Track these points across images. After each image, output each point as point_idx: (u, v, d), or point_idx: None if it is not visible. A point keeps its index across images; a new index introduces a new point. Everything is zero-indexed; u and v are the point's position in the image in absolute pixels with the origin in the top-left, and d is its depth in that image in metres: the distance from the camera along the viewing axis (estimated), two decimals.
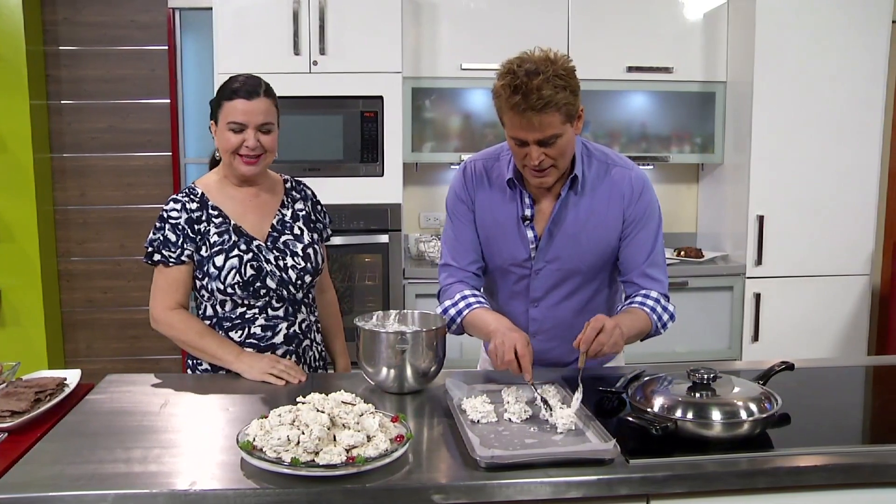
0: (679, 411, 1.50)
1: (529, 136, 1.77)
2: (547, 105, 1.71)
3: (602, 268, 1.99)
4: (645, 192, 1.95)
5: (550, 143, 1.78)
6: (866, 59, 3.59)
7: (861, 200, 3.68)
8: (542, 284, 1.99)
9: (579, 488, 1.37)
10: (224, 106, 1.96)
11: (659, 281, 1.98)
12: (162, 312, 1.99)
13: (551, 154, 1.80)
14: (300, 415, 1.43)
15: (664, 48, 3.77)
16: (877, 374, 2.10)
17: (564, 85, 1.74)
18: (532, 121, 1.73)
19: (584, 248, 1.95)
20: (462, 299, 1.96)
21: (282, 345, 2.03)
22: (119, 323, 4.08)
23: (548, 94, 1.71)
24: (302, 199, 2.14)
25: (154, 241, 1.98)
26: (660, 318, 1.94)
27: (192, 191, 2.03)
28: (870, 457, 1.47)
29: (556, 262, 1.96)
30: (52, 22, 3.87)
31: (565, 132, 1.78)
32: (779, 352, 3.49)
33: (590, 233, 1.94)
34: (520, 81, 1.71)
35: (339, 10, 3.38)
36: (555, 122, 1.75)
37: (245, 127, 1.95)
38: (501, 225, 1.98)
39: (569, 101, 1.75)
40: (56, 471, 1.40)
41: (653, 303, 1.93)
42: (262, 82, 2.00)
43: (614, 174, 1.95)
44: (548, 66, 1.74)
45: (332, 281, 2.32)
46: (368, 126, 3.45)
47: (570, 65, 1.80)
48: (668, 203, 4.19)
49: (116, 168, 3.99)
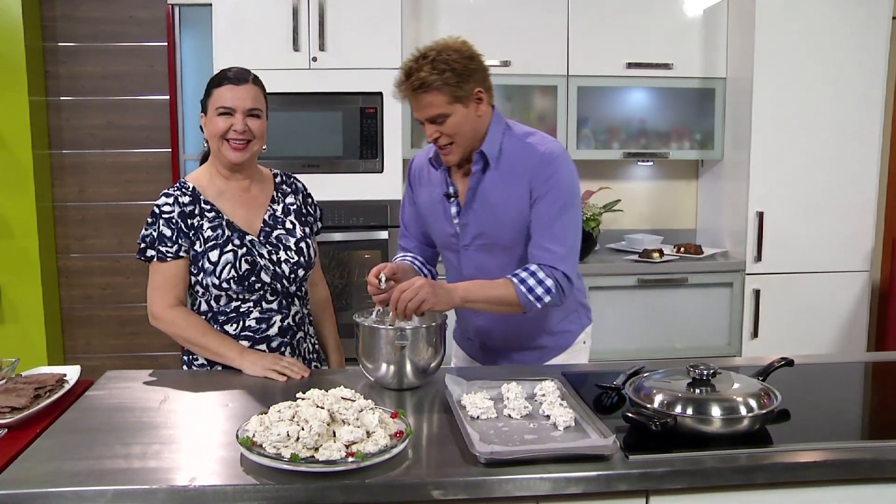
0: (678, 407, 1.50)
1: (419, 115, 1.93)
2: (423, 85, 1.86)
3: (526, 243, 2.00)
4: (551, 165, 1.95)
5: (440, 122, 1.90)
6: (866, 55, 3.59)
7: (860, 197, 3.68)
8: (472, 261, 2.05)
9: (578, 484, 1.37)
10: (213, 93, 1.99)
11: (552, 252, 1.93)
12: (162, 310, 1.99)
13: (446, 132, 1.92)
14: (300, 411, 1.43)
15: (664, 44, 3.77)
16: (876, 371, 2.10)
17: (446, 68, 1.86)
18: (414, 101, 1.91)
19: (500, 222, 1.99)
20: (393, 261, 2.10)
21: (276, 337, 2.03)
22: (118, 319, 4.08)
23: (424, 75, 1.86)
24: (293, 192, 2.14)
25: (147, 237, 1.98)
26: (530, 290, 1.89)
27: (183, 185, 2.03)
28: (869, 452, 1.47)
29: (480, 237, 2.02)
30: (51, 18, 3.86)
31: (455, 112, 1.90)
32: (778, 348, 3.51)
33: (505, 206, 1.98)
34: (407, 65, 1.91)
35: (339, 6, 3.38)
36: (437, 102, 1.88)
37: (233, 111, 1.97)
38: (431, 205, 2.11)
39: (450, 81, 1.86)
40: (55, 467, 1.40)
41: (526, 274, 1.92)
42: (250, 72, 2.03)
43: (527, 148, 1.98)
44: (438, 51, 1.89)
45: (331, 277, 2.32)
46: (368, 122, 3.45)
47: (464, 50, 1.91)
48: (667, 199, 4.20)
49: (115, 164, 3.99)
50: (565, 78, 3.71)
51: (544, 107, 3.73)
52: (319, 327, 2.25)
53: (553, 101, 3.74)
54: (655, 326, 3.64)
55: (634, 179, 4.14)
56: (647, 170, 4.15)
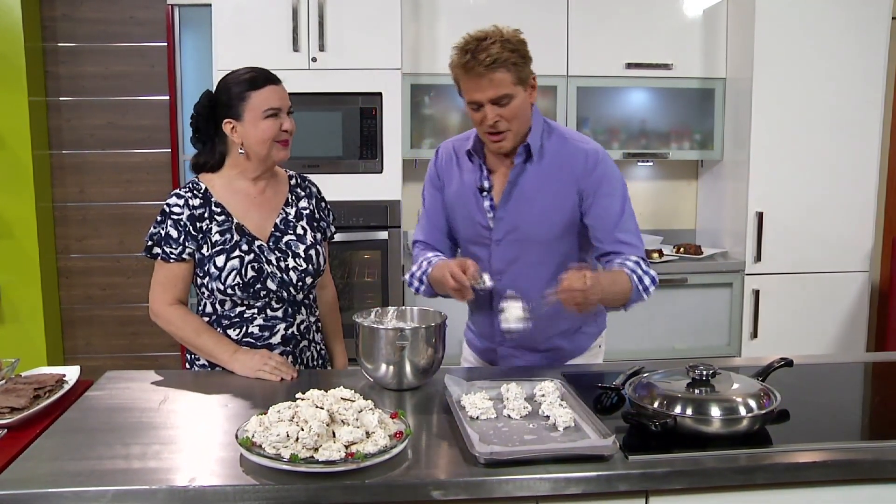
0: (678, 407, 1.50)
1: (482, 96, 1.86)
2: (495, 62, 1.82)
3: (560, 239, 2.00)
4: (600, 164, 1.96)
5: (503, 104, 1.86)
6: (866, 55, 3.59)
7: (860, 197, 3.68)
8: (503, 256, 2.02)
9: (578, 484, 1.37)
10: (252, 97, 1.95)
11: (633, 245, 1.96)
12: (161, 307, 2.00)
13: (505, 115, 1.87)
14: (299, 411, 1.43)
15: (664, 45, 3.77)
16: (875, 371, 2.10)
17: (513, 49, 1.85)
18: (482, 78, 1.84)
19: (538, 217, 1.98)
20: (425, 260, 2.05)
21: (279, 345, 2.03)
22: (118, 320, 4.08)
23: (496, 52, 1.82)
24: (306, 196, 2.12)
25: (154, 235, 1.98)
26: (640, 281, 1.91)
27: (195, 185, 2.02)
28: (868, 453, 1.47)
29: (515, 232, 2.00)
30: (51, 18, 3.87)
31: (517, 94, 1.87)
32: (778, 348, 3.51)
33: (544, 201, 1.97)
34: (470, 45, 1.85)
35: (339, 7, 3.38)
36: (505, 81, 1.84)
37: (280, 111, 1.97)
38: (462, 197, 2.06)
39: (518, 62, 1.85)
40: (55, 467, 1.40)
41: (633, 265, 1.92)
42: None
43: (570, 146, 1.98)
44: (497, 34, 1.87)
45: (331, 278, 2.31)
46: (368, 122, 3.45)
47: (520, 36, 1.90)
48: (667, 200, 4.20)
49: (115, 165, 3.99)
50: (565, 78, 3.71)
51: (544, 107, 3.73)
52: (326, 330, 2.24)
53: (553, 101, 3.74)
54: (655, 326, 3.63)
55: (634, 179, 4.14)
56: (647, 170, 4.15)
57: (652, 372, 1.69)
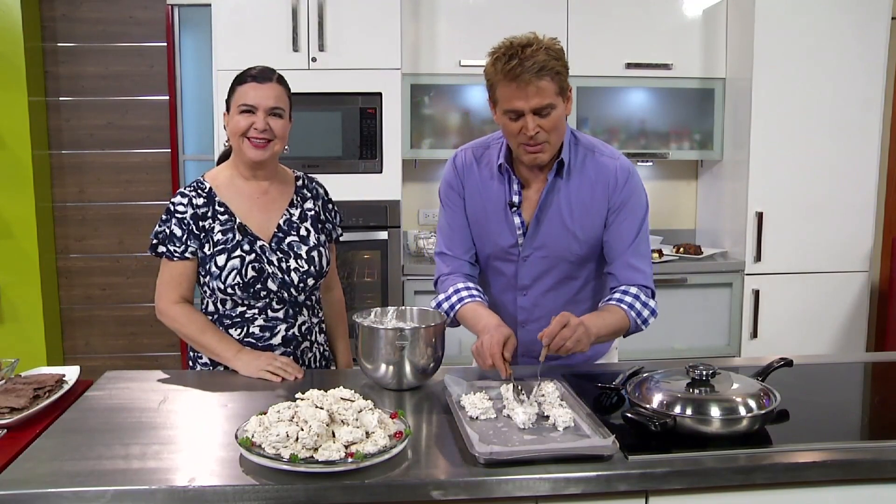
0: (678, 407, 1.50)
1: (525, 105, 1.78)
2: (542, 69, 1.75)
3: (589, 256, 1.99)
4: (630, 180, 1.94)
5: (545, 115, 1.80)
6: (865, 55, 3.59)
7: (860, 197, 3.68)
8: (530, 272, 2.00)
9: (578, 484, 1.37)
10: (236, 91, 1.99)
11: (641, 271, 1.96)
12: (166, 305, 2.00)
13: (546, 126, 1.81)
14: (299, 411, 1.43)
15: (663, 45, 3.77)
16: (875, 371, 2.10)
17: (556, 57, 1.78)
18: (528, 86, 1.76)
19: (570, 235, 1.95)
20: (455, 293, 1.99)
21: (279, 346, 2.03)
22: (118, 320, 4.08)
23: (542, 59, 1.75)
24: (312, 197, 2.12)
25: (159, 234, 1.99)
26: (639, 315, 1.93)
27: (199, 185, 2.03)
28: (868, 453, 1.47)
29: (543, 248, 1.97)
30: (51, 18, 3.87)
31: (559, 105, 1.81)
32: (777, 348, 3.51)
33: (576, 219, 1.94)
34: (514, 51, 1.76)
35: (338, 7, 3.38)
36: (550, 90, 1.78)
37: (255, 109, 1.96)
38: (489, 212, 1.99)
39: (561, 71, 1.79)
40: (55, 467, 1.40)
41: (631, 299, 1.92)
42: (275, 71, 2.03)
43: (600, 162, 1.95)
44: (539, 41, 1.79)
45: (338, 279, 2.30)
46: (367, 123, 3.45)
47: (559, 45, 1.83)
48: (666, 200, 4.20)
49: (115, 165, 3.99)
50: None
51: None
52: (330, 330, 2.24)
53: None
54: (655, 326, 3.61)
55: None
56: (647, 170, 4.15)
57: (652, 372, 1.69)
